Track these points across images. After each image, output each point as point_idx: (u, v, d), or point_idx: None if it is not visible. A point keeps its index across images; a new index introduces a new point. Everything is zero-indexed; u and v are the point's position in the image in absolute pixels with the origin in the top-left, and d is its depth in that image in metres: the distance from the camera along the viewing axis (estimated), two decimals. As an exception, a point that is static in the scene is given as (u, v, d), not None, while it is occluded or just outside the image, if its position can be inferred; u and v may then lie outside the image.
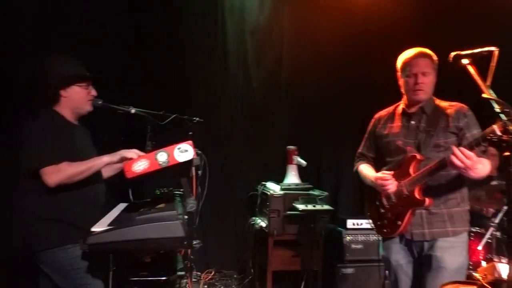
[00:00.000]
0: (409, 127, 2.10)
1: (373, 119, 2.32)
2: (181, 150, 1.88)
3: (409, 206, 1.98)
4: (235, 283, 3.57)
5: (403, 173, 2.01)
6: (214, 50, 3.84)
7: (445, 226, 1.99)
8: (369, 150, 2.32)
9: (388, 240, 2.13)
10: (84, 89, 2.17)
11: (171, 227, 1.77)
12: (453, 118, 2.01)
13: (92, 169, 2.01)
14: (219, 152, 3.83)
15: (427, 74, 2.02)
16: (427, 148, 2.01)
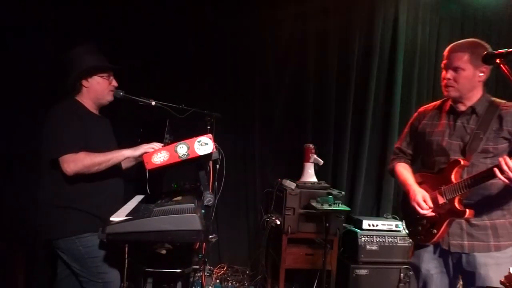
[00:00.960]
0: (455, 127, 1.90)
1: (416, 113, 2.13)
2: (201, 143, 1.88)
3: (447, 215, 1.83)
4: (247, 279, 3.56)
5: (444, 178, 1.85)
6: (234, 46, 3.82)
7: (487, 239, 1.82)
8: (409, 146, 2.14)
9: (421, 248, 1.98)
10: (106, 79, 2.20)
11: (188, 220, 1.76)
12: (506, 121, 1.80)
13: (111, 161, 2.02)
14: (236, 147, 3.84)
15: (459, 69, 1.81)
16: (473, 153, 1.82)
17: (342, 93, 3.92)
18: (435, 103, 2.07)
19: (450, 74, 1.84)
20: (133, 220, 1.82)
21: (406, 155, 2.14)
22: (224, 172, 2.73)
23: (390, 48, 4.00)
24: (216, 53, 3.77)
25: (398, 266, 3.10)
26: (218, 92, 3.80)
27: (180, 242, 1.96)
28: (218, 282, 3.52)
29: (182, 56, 3.74)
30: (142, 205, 2.16)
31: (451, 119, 1.94)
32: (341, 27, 3.93)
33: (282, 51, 3.92)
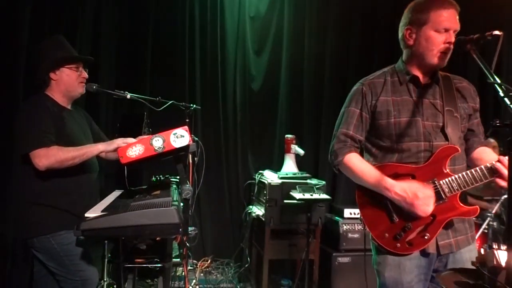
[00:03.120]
0: (423, 104, 1.62)
1: (361, 86, 1.71)
2: (177, 136, 1.85)
3: (447, 215, 1.54)
4: (232, 271, 3.56)
5: (433, 170, 1.55)
6: (212, 37, 3.79)
7: (466, 231, 1.63)
8: (359, 130, 1.70)
9: (398, 256, 1.60)
10: (75, 71, 2.13)
11: (166, 213, 1.74)
12: (468, 97, 1.65)
13: (85, 155, 1.96)
14: (218, 140, 3.82)
15: (455, 32, 1.57)
16: (457, 135, 1.59)
17: (321, 83, 3.93)
18: (378, 73, 1.74)
19: (454, 38, 1.55)
20: (109, 216, 1.78)
21: (355, 143, 1.72)
22: (204, 164, 2.70)
23: (367, 39, 4.02)
24: (194, 45, 3.73)
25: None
26: (198, 84, 3.76)
27: (158, 236, 1.93)
28: (202, 276, 3.51)
29: (159, 49, 3.68)
30: (119, 201, 2.12)
31: (414, 93, 1.65)
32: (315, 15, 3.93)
33: (260, 43, 3.91)
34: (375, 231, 1.63)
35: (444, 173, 1.55)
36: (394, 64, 1.76)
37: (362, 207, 1.68)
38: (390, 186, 1.54)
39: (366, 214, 1.67)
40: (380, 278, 1.65)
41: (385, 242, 1.60)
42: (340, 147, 1.73)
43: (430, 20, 1.56)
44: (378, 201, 1.62)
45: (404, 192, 1.52)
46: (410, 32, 1.63)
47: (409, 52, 1.67)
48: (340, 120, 1.77)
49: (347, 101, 1.76)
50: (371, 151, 1.74)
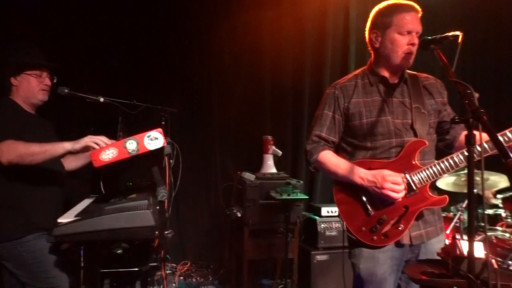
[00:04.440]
0: (392, 103, 1.69)
1: (333, 89, 1.78)
2: (151, 138, 1.84)
3: (419, 205, 1.60)
4: (212, 273, 3.56)
5: (404, 163, 1.62)
6: (188, 38, 3.78)
7: (435, 223, 1.71)
8: (332, 132, 1.78)
9: (373, 249, 1.66)
10: (35, 77, 2.08)
11: (141, 217, 1.73)
12: (435, 93, 1.74)
13: (48, 152, 1.87)
14: (195, 142, 3.81)
15: (418, 34, 1.65)
16: (425, 130, 1.67)
17: (298, 84, 3.98)
18: (349, 76, 1.83)
19: (417, 39, 1.63)
20: (83, 220, 1.76)
21: (328, 143, 1.79)
22: (180, 166, 2.69)
23: (342, 36, 4.09)
24: (171, 48, 3.72)
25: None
26: (174, 86, 3.75)
27: (134, 240, 1.91)
28: (182, 279, 3.49)
29: (135, 51, 3.65)
30: (93, 205, 2.10)
31: (384, 94, 1.71)
32: (294, 18, 3.97)
33: (238, 43, 3.92)
34: (352, 225, 1.70)
35: (414, 166, 1.63)
36: (364, 67, 1.83)
37: (340, 203, 1.75)
38: (364, 174, 1.64)
39: (343, 210, 1.74)
40: (356, 270, 1.73)
41: (362, 236, 1.67)
42: (314, 146, 1.81)
43: (393, 23, 1.65)
44: (354, 196, 1.70)
45: (374, 177, 1.61)
46: (376, 35, 1.71)
47: (376, 54, 1.75)
48: (314, 122, 1.85)
49: (321, 104, 1.84)
50: (346, 150, 1.82)
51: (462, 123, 1.12)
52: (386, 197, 1.59)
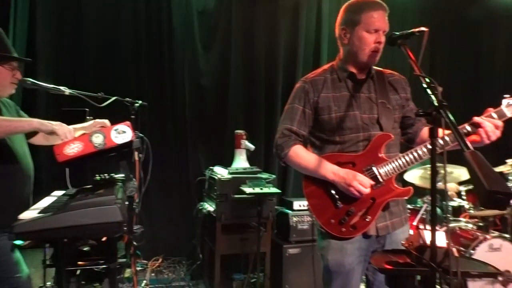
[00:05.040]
0: (360, 98, 1.73)
1: (302, 83, 1.79)
2: (119, 132, 1.79)
3: (385, 197, 1.65)
4: (184, 269, 3.53)
5: (371, 157, 1.66)
6: (159, 31, 3.71)
7: (400, 213, 1.75)
8: (303, 126, 1.77)
9: (341, 240, 1.69)
10: (8, 70, 1.99)
11: (107, 212, 1.68)
12: (400, 89, 1.78)
13: (13, 126, 1.76)
14: (167, 136, 3.76)
15: (385, 32, 1.67)
16: (390, 125, 1.71)
17: (271, 78, 3.99)
18: (319, 71, 1.83)
19: (383, 38, 1.66)
20: (47, 217, 1.70)
21: (299, 137, 1.79)
22: (150, 161, 2.64)
23: (315, 31, 4.12)
24: (140, 39, 3.64)
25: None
26: (144, 80, 3.68)
27: (101, 236, 1.86)
28: (153, 275, 3.45)
29: (102, 43, 3.55)
30: (58, 201, 2.03)
31: (352, 89, 1.74)
32: (267, 12, 3.97)
33: (210, 36, 3.89)
34: (321, 218, 1.72)
35: (380, 159, 1.67)
36: (333, 62, 1.85)
37: (309, 196, 1.77)
38: (336, 170, 1.67)
39: (313, 203, 1.76)
40: (324, 261, 1.76)
41: (332, 228, 1.70)
42: (285, 140, 1.80)
43: (361, 21, 1.66)
44: (323, 189, 1.72)
45: (346, 174, 1.65)
46: (345, 32, 1.74)
47: (345, 50, 1.78)
48: (284, 116, 1.85)
49: (291, 98, 1.84)
50: (315, 143, 1.83)
51: (425, 116, 1.14)
52: (350, 193, 1.64)
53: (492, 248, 2.91)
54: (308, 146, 1.86)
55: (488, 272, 1.22)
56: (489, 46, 4.78)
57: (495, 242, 2.91)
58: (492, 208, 3.04)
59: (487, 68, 4.79)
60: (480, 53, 4.79)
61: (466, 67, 4.75)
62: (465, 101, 4.61)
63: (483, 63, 4.79)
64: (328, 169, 1.67)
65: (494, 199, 0.83)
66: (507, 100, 1.63)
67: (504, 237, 2.97)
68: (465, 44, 4.72)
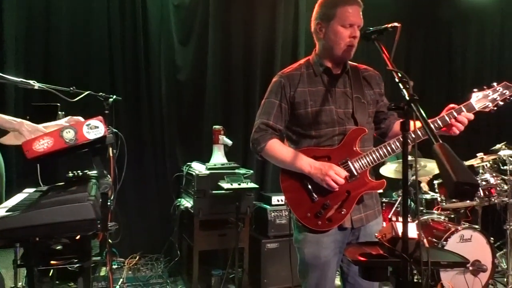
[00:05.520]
0: (335, 93, 1.74)
1: (280, 78, 1.79)
2: (91, 127, 1.74)
3: (359, 190, 1.68)
4: (162, 266, 3.49)
5: (346, 150, 1.69)
6: (134, 25, 3.64)
7: (373, 206, 1.79)
8: (279, 120, 1.77)
9: (317, 233, 1.71)
10: None
11: (80, 209, 1.64)
12: (374, 84, 1.81)
13: None
14: (143, 132, 3.70)
15: (359, 27, 1.69)
16: (365, 119, 1.74)
17: (249, 73, 3.97)
18: (295, 66, 1.83)
19: (358, 32, 1.67)
20: (16, 215, 1.64)
21: (276, 131, 1.79)
22: (125, 157, 2.59)
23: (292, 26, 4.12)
24: (114, 33, 3.56)
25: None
26: (119, 74, 3.60)
27: (74, 234, 1.81)
28: (130, 273, 3.40)
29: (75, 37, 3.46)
30: (28, 199, 1.96)
31: (328, 84, 1.75)
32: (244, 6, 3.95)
33: (186, 31, 3.84)
34: (298, 212, 1.73)
35: (355, 153, 1.70)
36: (309, 57, 1.86)
37: (286, 190, 1.77)
38: (312, 162, 1.69)
39: (289, 197, 1.77)
40: (301, 255, 1.78)
41: (308, 221, 1.71)
42: (261, 135, 1.80)
43: (337, 15, 1.68)
44: (299, 183, 1.73)
45: (322, 165, 1.67)
46: (320, 27, 1.75)
47: (320, 45, 1.79)
48: (261, 110, 1.84)
49: (267, 92, 1.84)
50: (291, 138, 1.85)
51: (397, 109, 1.16)
52: (326, 185, 1.65)
53: (463, 239, 3.01)
54: (285, 140, 1.87)
55: (457, 262, 1.26)
56: (460, 43, 4.93)
57: (466, 233, 3.01)
58: (460, 199, 3.15)
59: (459, 64, 4.93)
60: (452, 50, 4.92)
61: (440, 63, 4.88)
62: (438, 95, 4.76)
63: (455, 59, 4.93)
64: (304, 161, 1.69)
65: (462, 190, 0.85)
66: (476, 94, 1.69)
67: (474, 228, 3.07)
68: (438, 41, 4.85)
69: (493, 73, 4.91)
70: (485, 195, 3.24)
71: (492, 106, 1.68)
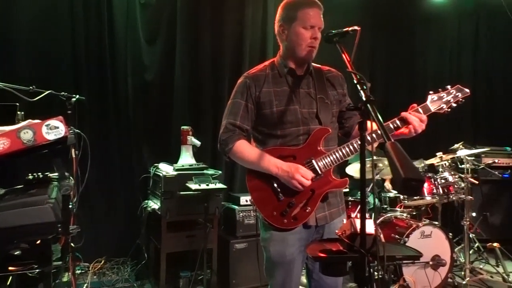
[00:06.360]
0: (299, 94, 1.78)
1: (244, 79, 1.82)
2: (50, 127, 1.70)
3: (321, 189, 1.71)
4: (128, 269, 3.42)
5: (311, 150, 1.72)
6: (98, 23, 3.55)
7: (337, 204, 1.83)
8: (246, 120, 1.80)
9: (282, 232, 1.74)
10: None
11: (39, 212, 1.60)
12: (337, 85, 1.86)
13: None
14: (108, 133, 3.62)
15: (320, 29, 1.73)
16: (329, 119, 1.78)
17: (218, 73, 3.97)
18: (260, 67, 1.87)
19: (319, 34, 1.72)
20: (-32, 220, 1.57)
21: (243, 132, 1.81)
22: (89, 158, 2.53)
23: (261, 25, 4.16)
24: (78, 31, 3.46)
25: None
26: (83, 73, 3.50)
27: (33, 238, 1.76)
28: (95, 278, 3.31)
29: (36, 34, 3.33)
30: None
31: (292, 84, 1.79)
32: (213, 6, 3.94)
33: (152, 31, 3.79)
34: (264, 211, 1.76)
35: (319, 152, 1.74)
36: (274, 58, 1.90)
37: (252, 190, 1.79)
38: (279, 164, 1.71)
39: (256, 197, 1.78)
40: (267, 253, 1.81)
41: (274, 220, 1.74)
42: (229, 135, 1.81)
43: (298, 17, 1.72)
44: (266, 182, 1.75)
45: (288, 167, 1.69)
46: (283, 29, 1.80)
47: (284, 46, 1.84)
48: (227, 111, 1.86)
49: (233, 93, 1.87)
50: (257, 138, 1.87)
51: (355, 110, 1.21)
52: (293, 186, 1.69)
53: (424, 235, 3.13)
54: (251, 140, 1.89)
55: (411, 255, 1.32)
56: (422, 46, 5.14)
57: (427, 229, 3.14)
58: (408, 194, 3.27)
59: (421, 65, 5.14)
60: (414, 52, 5.13)
61: (403, 64, 5.06)
62: (402, 95, 4.93)
63: (417, 61, 5.14)
64: (271, 163, 1.71)
65: (409, 185, 0.90)
66: (431, 96, 1.77)
67: (434, 224, 3.21)
68: (401, 43, 5.03)
69: (452, 75, 5.16)
70: (444, 193, 3.39)
71: (446, 108, 1.77)
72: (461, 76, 5.11)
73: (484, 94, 5.26)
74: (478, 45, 5.28)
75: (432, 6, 5.01)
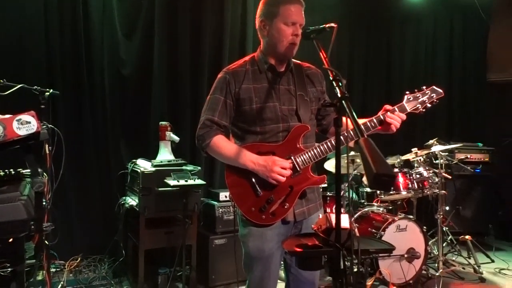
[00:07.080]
0: (279, 90, 1.78)
1: (224, 74, 1.81)
2: (22, 122, 1.65)
3: (299, 185, 1.73)
4: (106, 267, 3.37)
5: (290, 147, 1.74)
6: (73, 15, 3.46)
7: (315, 199, 1.85)
8: (224, 116, 1.79)
9: (261, 227, 1.75)
10: None
11: (10, 210, 1.56)
12: (317, 82, 1.87)
13: None
14: (84, 128, 3.54)
15: (301, 26, 1.73)
16: (308, 116, 1.80)
17: (197, 68, 3.93)
18: (240, 62, 1.85)
19: (300, 31, 1.71)
20: None
21: (221, 128, 1.80)
22: (63, 154, 2.47)
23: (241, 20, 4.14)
24: (51, 23, 3.36)
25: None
26: (57, 67, 3.41)
27: (3, 236, 1.70)
28: (72, 276, 3.25)
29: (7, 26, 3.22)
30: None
31: (272, 81, 1.78)
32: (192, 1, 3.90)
33: (130, 25, 3.72)
34: (243, 207, 1.76)
35: (298, 149, 1.75)
36: (254, 54, 1.89)
37: (231, 185, 1.79)
38: (255, 159, 1.71)
39: (234, 192, 1.79)
40: (245, 248, 1.82)
41: (252, 216, 1.74)
42: (206, 131, 1.80)
43: (279, 13, 1.72)
44: (244, 178, 1.75)
45: (265, 162, 1.70)
46: (264, 24, 1.79)
47: (265, 42, 1.83)
48: (206, 106, 1.84)
49: (213, 88, 1.85)
50: (237, 134, 1.87)
51: (330, 106, 1.22)
52: (273, 180, 1.68)
53: (399, 228, 3.21)
54: (231, 136, 1.89)
55: (384, 249, 1.35)
56: (398, 45, 5.24)
57: (402, 223, 3.22)
58: (379, 189, 3.35)
59: (397, 64, 5.25)
60: (391, 51, 5.22)
61: (380, 62, 5.16)
62: (379, 93, 5.03)
63: (393, 60, 5.24)
64: (248, 158, 1.71)
65: (381, 181, 0.92)
66: (407, 96, 1.81)
67: (409, 218, 3.29)
68: (379, 42, 5.12)
69: (427, 75, 5.29)
70: (419, 187, 3.48)
71: (422, 108, 1.82)
72: (436, 77, 5.24)
73: (458, 91, 5.42)
74: (452, 45, 5.43)
75: (408, 5, 5.11)
